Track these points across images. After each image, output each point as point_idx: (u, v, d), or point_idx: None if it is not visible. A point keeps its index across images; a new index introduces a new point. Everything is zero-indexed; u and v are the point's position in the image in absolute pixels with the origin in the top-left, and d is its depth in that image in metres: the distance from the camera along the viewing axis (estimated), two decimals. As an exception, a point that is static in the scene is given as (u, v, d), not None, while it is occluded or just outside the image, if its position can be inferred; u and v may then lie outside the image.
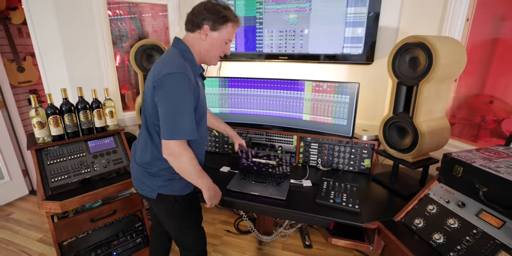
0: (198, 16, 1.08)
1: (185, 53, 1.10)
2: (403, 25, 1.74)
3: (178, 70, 0.98)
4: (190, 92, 1.00)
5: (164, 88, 0.98)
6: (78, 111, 1.60)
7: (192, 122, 1.01)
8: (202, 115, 1.17)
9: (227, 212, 2.43)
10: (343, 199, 1.31)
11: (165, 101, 0.98)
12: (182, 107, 0.98)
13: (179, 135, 0.99)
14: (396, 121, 1.41)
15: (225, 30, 1.10)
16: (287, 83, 1.73)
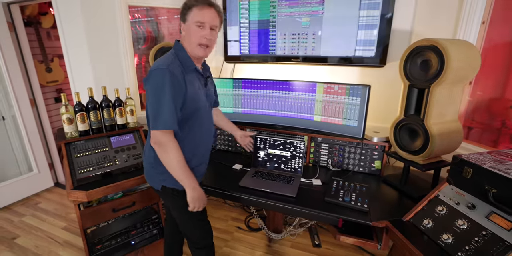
0: None
1: (178, 52, 1.17)
2: (417, 28, 1.74)
3: (161, 66, 1.06)
4: (171, 86, 1.05)
5: (149, 82, 1.08)
6: (102, 108, 1.72)
7: (172, 114, 1.06)
8: (194, 112, 1.19)
9: (238, 209, 2.49)
10: (352, 198, 1.34)
11: (149, 93, 1.08)
12: (162, 99, 1.05)
13: (160, 125, 1.07)
14: (407, 123, 1.43)
15: (190, 15, 1.13)
16: (299, 85, 1.78)
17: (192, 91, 1.15)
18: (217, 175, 1.70)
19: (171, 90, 1.06)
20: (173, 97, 1.06)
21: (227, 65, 2.42)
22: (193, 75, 1.19)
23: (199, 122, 1.23)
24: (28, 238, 2.14)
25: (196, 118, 1.21)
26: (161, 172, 1.20)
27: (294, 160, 1.68)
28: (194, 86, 1.17)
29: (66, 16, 2.07)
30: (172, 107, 1.06)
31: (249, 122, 1.98)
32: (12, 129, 2.64)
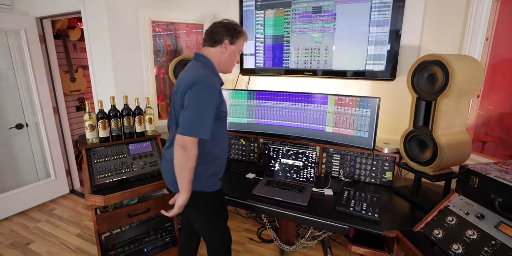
0: (219, 33, 1.26)
1: (208, 65, 1.26)
2: (424, 44, 1.81)
3: (206, 78, 1.15)
4: (214, 98, 1.15)
5: (195, 92, 1.13)
6: (123, 117, 1.81)
7: (210, 124, 1.15)
8: (223, 118, 1.30)
9: (250, 220, 2.50)
10: (363, 208, 1.36)
11: (193, 103, 1.13)
12: (205, 109, 1.13)
13: (196, 132, 1.12)
14: (416, 135, 1.46)
15: (239, 43, 1.31)
16: (311, 97, 1.84)
17: (223, 102, 1.28)
18: (230, 183, 1.74)
19: (213, 103, 1.16)
20: (213, 110, 1.16)
21: (242, 77, 2.52)
22: (220, 88, 1.29)
23: (225, 127, 1.36)
24: (42, 244, 2.19)
25: (223, 123, 1.33)
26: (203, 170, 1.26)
27: (306, 170, 1.72)
28: (222, 97, 1.28)
29: (94, 30, 2.22)
30: (211, 119, 1.15)
31: (262, 132, 2.04)
32: (34, 136, 2.76)
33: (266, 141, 2.02)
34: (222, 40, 1.26)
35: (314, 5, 2.01)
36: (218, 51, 1.28)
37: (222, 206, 1.40)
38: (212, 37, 1.28)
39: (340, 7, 1.93)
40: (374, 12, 1.83)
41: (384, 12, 1.81)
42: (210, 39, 1.28)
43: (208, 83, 1.15)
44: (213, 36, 1.28)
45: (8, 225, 2.44)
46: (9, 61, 2.56)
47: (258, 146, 2.05)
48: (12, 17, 2.46)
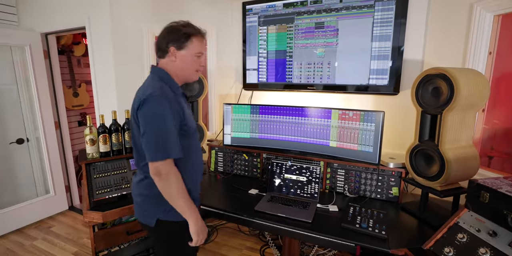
0: (162, 41, 1.15)
1: (163, 77, 1.15)
2: (427, 58, 1.82)
3: (155, 93, 1.04)
4: (170, 113, 1.04)
5: (144, 111, 1.03)
6: (124, 131, 1.80)
7: (175, 141, 1.04)
8: (191, 135, 1.18)
9: (253, 238, 2.43)
10: (370, 225, 1.32)
11: (147, 123, 1.03)
12: (162, 128, 1.02)
13: (162, 154, 1.01)
14: (422, 149, 1.44)
15: (191, 45, 1.15)
16: (315, 111, 1.84)
17: (186, 115, 1.15)
18: (233, 199, 1.70)
19: (171, 117, 1.04)
20: (174, 125, 1.05)
21: (245, 92, 2.54)
22: (182, 99, 1.20)
23: (195, 145, 1.23)
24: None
25: (192, 141, 1.20)
26: (158, 203, 1.12)
27: (310, 185, 1.68)
28: (185, 108, 1.16)
29: (98, 45, 2.26)
30: (175, 135, 1.05)
31: (265, 147, 2.01)
32: (34, 151, 2.74)
33: (269, 156, 1.99)
34: (167, 49, 1.14)
35: (316, 21, 2.06)
36: (169, 60, 1.17)
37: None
38: (157, 47, 1.18)
39: (343, 22, 1.97)
40: (376, 27, 1.87)
41: (386, 27, 1.84)
42: (158, 50, 1.18)
43: (158, 97, 1.03)
44: (158, 46, 1.17)
45: (4, 243, 2.38)
46: (12, 76, 2.59)
47: (261, 161, 2.02)
48: (18, 33, 2.51)
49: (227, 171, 2.15)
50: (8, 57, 2.55)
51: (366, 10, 1.87)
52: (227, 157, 2.14)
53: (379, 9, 1.83)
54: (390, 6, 1.80)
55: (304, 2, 2.08)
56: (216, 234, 2.47)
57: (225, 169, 2.16)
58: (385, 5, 1.81)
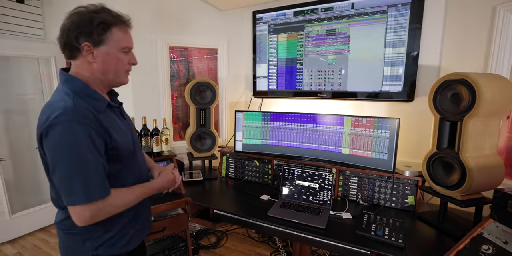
0: (70, 35, 0.83)
1: (77, 89, 0.85)
2: (444, 63, 1.77)
3: (63, 117, 0.77)
4: (86, 141, 0.79)
5: (50, 143, 0.78)
6: (141, 137, 1.85)
7: (98, 177, 0.81)
8: (129, 156, 0.95)
9: (263, 244, 2.40)
10: (385, 233, 1.28)
11: (55, 158, 0.79)
12: (77, 163, 0.78)
13: (82, 197, 0.78)
14: (440, 157, 1.39)
15: (112, 38, 0.87)
16: (327, 118, 1.82)
17: (115, 135, 0.87)
18: (245, 204, 1.70)
19: (88, 147, 0.79)
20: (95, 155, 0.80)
21: (255, 99, 2.56)
22: (108, 114, 0.90)
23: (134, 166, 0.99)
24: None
25: (129, 162, 0.97)
26: (87, 238, 0.90)
27: (322, 192, 1.66)
28: (114, 126, 0.89)
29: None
30: (97, 169, 0.81)
31: (276, 154, 2.01)
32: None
33: (280, 162, 1.98)
34: (80, 46, 0.83)
35: (327, 28, 2.07)
36: (84, 62, 0.87)
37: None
38: (63, 43, 0.86)
39: (354, 29, 1.97)
40: (389, 33, 1.85)
41: (400, 33, 1.82)
42: (64, 48, 0.87)
43: (67, 123, 0.77)
44: (63, 40, 0.85)
45: (31, 240, 2.51)
46: (39, 87, 2.73)
47: (272, 168, 2.01)
48: (45, 46, 2.65)
49: (238, 177, 2.15)
50: (35, 69, 2.70)
51: (379, 16, 1.86)
52: (238, 163, 2.15)
53: (393, 15, 1.82)
54: (404, 11, 1.78)
55: (314, 9, 2.10)
56: (226, 239, 2.46)
57: (236, 175, 2.16)
58: (399, 10, 1.80)
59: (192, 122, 2.16)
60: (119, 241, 0.95)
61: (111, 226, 0.92)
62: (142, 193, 0.96)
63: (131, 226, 0.99)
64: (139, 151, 1.07)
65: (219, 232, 2.56)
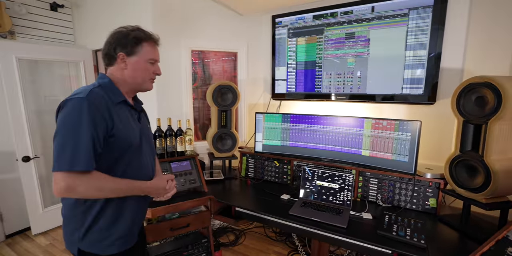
0: (109, 47, 1.05)
1: (103, 83, 1.02)
2: (468, 66, 1.75)
3: (79, 94, 0.92)
4: (89, 117, 0.89)
5: (61, 113, 0.90)
6: (166, 137, 1.94)
7: (85, 150, 0.87)
8: (125, 149, 1.01)
9: (280, 244, 2.44)
10: (407, 233, 1.30)
11: (59, 125, 0.89)
12: (74, 133, 0.87)
13: (65, 164, 0.85)
14: (464, 160, 1.40)
15: (143, 51, 1.06)
16: (347, 120, 1.85)
17: (120, 126, 0.98)
18: (265, 203, 1.75)
19: (89, 123, 0.88)
20: (93, 132, 0.89)
21: (273, 101, 2.61)
22: (123, 108, 1.04)
23: (133, 163, 1.05)
24: None
25: (129, 157, 1.03)
26: (74, 228, 0.98)
27: (342, 193, 1.68)
28: (123, 119, 1.01)
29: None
30: (89, 144, 0.88)
31: (296, 155, 2.05)
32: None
33: (299, 163, 2.02)
34: (116, 55, 1.04)
35: (347, 31, 2.09)
36: (118, 68, 1.06)
37: None
38: (104, 53, 1.07)
39: (374, 32, 1.98)
40: (410, 36, 1.85)
41: (421, 36, 1.81)
42: (104, 57, 1.08)
43: (80, 99, 0.90)
44: (105, 52, 1.06)
45: (53, 235, 2.66)
46: (68, 88, 2.89)
47: (292, 168, 2.06)
48: (75, 50, 2.82)
49: (258, 177, 2.21)
50: (66, 72, 2.87)
51: (400, 19, 1.87)
52: (258, 163, 2.20)
53: (414, 18, 1.82)
54: (426, 14, 1.78)
55: (334, 13, 2.13)
56: (244, 238, 2.52)
57: (256, 175, 2.22)
58: (421, 13, 1.80)
59: (213, 123, 2.24)
60: (101, 242, 1.00)
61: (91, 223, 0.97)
62: (125, 187, 0.97)
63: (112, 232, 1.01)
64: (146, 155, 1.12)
65: (237, 231, 2.62)
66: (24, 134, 2.46)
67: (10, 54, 2.38)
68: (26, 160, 2.45)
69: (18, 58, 2.42)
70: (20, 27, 2.57)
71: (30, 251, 2.37)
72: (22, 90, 2.44)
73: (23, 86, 2.45)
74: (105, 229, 0.99)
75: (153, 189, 1.09)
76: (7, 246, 2.46)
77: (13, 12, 2.51)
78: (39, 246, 2.46)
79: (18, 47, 2.43)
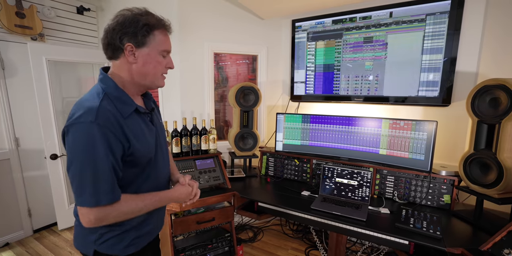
0: (113, 35, 0.86)
1: (108, 91, 0.88)
2: (482, 69, 1.83)
3: (85, 117, 0.78)
4: (105, 145, 0.79)
5: (68, 140, 0.80)
6: (191, 135, 2.05)
7: (108, 182, 0.81)
8: (144, 165, 0.94)
9: (297, 240, 2.54)
10: (424, 225, 1.39)
11: (71, 156, 0.80)
12: (90, 165, 0.78)
13: (90, 200, 0.79)
14: (477, 157, 1.49)
15: (154, 41, 0.89)
16: (365, 121, 1.95)
17: (136, 143, 0.88)
18: (287, 199, 1.85)
19: (107, 150, 0.80)
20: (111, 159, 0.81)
21: (291, 103, 2.72)
22: (134, 118, 0.91)
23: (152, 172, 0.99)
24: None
25: (149, 169, 0.97)
26: (91, 232, 0.93)
27: (361, 189, 1.78)
28: (137, 134, 0.90)
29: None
30: (111, 173, 0.81)
31: (315, 154, 2.15)
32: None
33: (319, 162, 2.12)
34: (123, 46, 0.86)
35: (365, 35, 2.19)
36: (125, 62, 0.89)
37: None
38: (106, 43, 0.88)
39: (392, 36, 2.08)
40: (427, 40, 1.94)
41: (438, 40, 1.90)
42: (107, 48, 0.89)
43: (88, 124, 0.78)
44: (108, 41, 0.88)
45: None
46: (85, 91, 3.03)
47: (311, 167, 2.16)
48: (99, 52, 2.95)
49: (278, 175, 2.31)
50: (90, 73, 3.01)
51: (417, 24, 1.96)
52: (278, 162, 2.31)
53: (431, 23, 1.91)
54: (443, 19, 1.87)
55: (353, 18, 2.23)
56: (262, 235, 2.62)
57: (276, 173, 2.33)
58: (437, 18, 1.89)
59: (235, 123, 2.35)
60: (118, 244, 0.95)
61: (112, 227, 0.93)
62: (153, 201, 0.93)
63: (133, 232, 0.97)
64: (162, 159, 1.05)
65: (255, 228, 2.73)
66: (52, 132, 2.58)
67: (41, 56, 2.52)
68: (54, 158, 2.58)
69: (47, 60, 2.55)
70: (48, 30, 2.71)
71: (57, 245, 2.49)
72: (51, 91, 2.57)
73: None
74: (122, 233, 0.95)
75: (182, 195, 1.04)
76: (35, 240, 2.59)
77: (43, 15, 2.65)
78: (65, 240, 2.58)
79: (48, 49, 2.56)
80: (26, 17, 2.47)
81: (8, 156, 2.49)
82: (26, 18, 2.47)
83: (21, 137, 2.59)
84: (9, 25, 2.36)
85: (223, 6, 2.53)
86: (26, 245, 2.50)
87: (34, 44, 2.49)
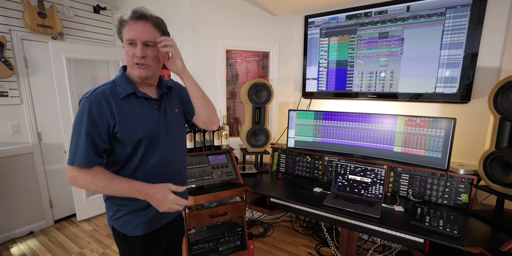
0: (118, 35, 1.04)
1: (117, 76, 1.05)
2: (506, 65, 1.75)
3: (87, 94, 0.97)
4: (89, 116, 0.93)
5: None
6: (204, 131, 2.08)
7: (83, 148, 0.93)
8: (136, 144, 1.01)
9: (307, 237, 2.53)
10: (440, 224, 1.36)
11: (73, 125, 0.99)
12: (76, 132, 0.95)
13: (69, 158, 0.95)
14: (499, 156, 1.44)
15: (124, 33, 0.99)
16: (379, 117, 1.91)
17: (126, 121, 0.98)
18: (298, 195, 1.85)
19: (90, 122, 0.94)
20: (90, 130, 0.94)
21: (303, 100, 2.69)
22: (131, 101, 1.02)
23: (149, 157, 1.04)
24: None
25: (143, 151, 1.03)
26: (108, 208, 1.10)
27: (374, 186, 1.76)
28: (129, 114, 1.00)
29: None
30: (87, 142, 0.94)
31: (327, 151, 2.14)
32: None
33: (331, 158, 2.11)
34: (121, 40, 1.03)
35: (380, 30, 2.14)
36: None
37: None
38: None
39: (408, 31, 2.02)
40: (446, 35, 1.87)
41: (458, 35, 1.83)
42: None
43: (85, 99, 0.96)
44: None
45: (103, 220, 2.92)
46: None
47: (323, 164, 2.14)
48: (114, 50, 3.02)
49: (289, 171, 2.31)
50: (105, 71, 3.09)
51: (436, 18, 1.90)
52: (289, 158, 2.31)
53: (451, 17, 1.84)
54: (464, 12, 1.79)
55: (368, 13, 2.18)
56: (272, 231, 2.63)
57: (287, 169, 2.32)
58: (458, 12, 1.81)
59: (247, 119, 2.36)
60: (128, 224, 1.06)
61: (121, 207, 1.06)
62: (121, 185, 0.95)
63: (140, 215, 1.06)
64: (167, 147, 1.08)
65: (265, 224, 2.74)
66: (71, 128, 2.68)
67: (61, 54, 2.61)
68: (73, 152, 2.68)
69: (67, 58, 2.64)
70: (67, 29, 2.80)
71: (77, 235, 2.60)
72: (70, 88, 2.66)
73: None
74: (130, 214, 1.06)
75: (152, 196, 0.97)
76: (56, 229, 2.71)
77: (62, 15, 2.74)
78: (84, 231, 2.68)
79: (67, 48, 2.65)
80: (47, 17, 2.56)
81: (32, 150, 2.60)
82: (48, 17, 2.56)
83: (43, 132, 2.70)
84: (32, 25, 2.45)
85: (235, 3, 2.53)
86: (48, 234, 2.63)
87: (55, 43, 2.58)
